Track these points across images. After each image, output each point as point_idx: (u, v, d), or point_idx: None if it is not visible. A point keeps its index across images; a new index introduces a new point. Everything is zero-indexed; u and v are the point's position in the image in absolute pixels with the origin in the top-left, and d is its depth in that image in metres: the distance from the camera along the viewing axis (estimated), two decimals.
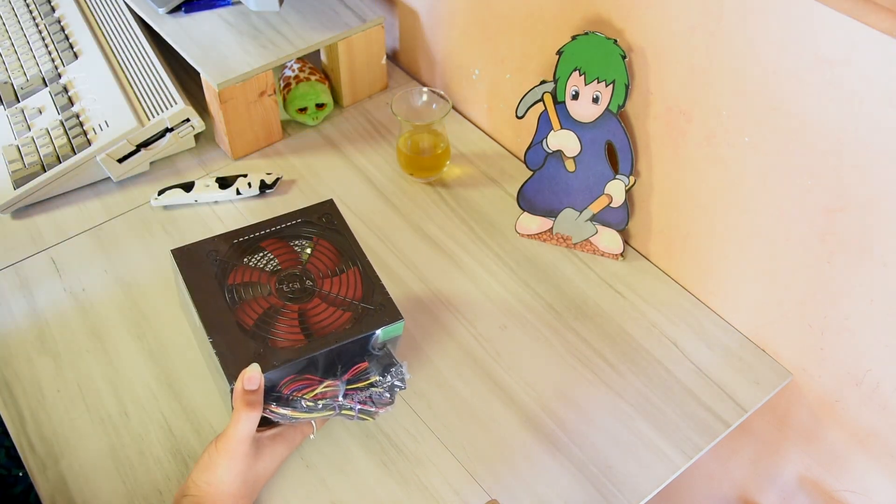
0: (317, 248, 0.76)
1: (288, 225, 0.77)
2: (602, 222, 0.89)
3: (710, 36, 0.70)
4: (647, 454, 0.74)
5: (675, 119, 0.78)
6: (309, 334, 0.70)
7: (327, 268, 0.75)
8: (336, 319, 0.71)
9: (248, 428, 0.65)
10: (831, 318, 0.73)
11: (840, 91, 0.62)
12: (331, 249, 0.76)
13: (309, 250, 0.76)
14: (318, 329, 0.70)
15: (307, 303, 0.72)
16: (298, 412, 0.67)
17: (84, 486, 0.72)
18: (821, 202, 0.68)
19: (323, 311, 0.71)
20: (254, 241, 0.76)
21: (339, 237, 0.77)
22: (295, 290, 0.72)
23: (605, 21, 0.79)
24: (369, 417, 0.71)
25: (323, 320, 0.71)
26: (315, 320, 0.71)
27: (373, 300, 0.73)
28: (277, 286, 0.73)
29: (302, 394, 0.68)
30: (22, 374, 0.80)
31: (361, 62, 1.09)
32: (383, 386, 0.70)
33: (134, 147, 0.97)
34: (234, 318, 0.70)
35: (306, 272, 0.74)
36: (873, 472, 0.77)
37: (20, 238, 0.94)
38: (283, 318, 0.70)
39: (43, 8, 1.17)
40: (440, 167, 1.00)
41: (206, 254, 0.74)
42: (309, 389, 0.68)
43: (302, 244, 0.76)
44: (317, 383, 0.69)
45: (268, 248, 0.75)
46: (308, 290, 0.73)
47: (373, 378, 0.71)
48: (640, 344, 0.83)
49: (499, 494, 0.72)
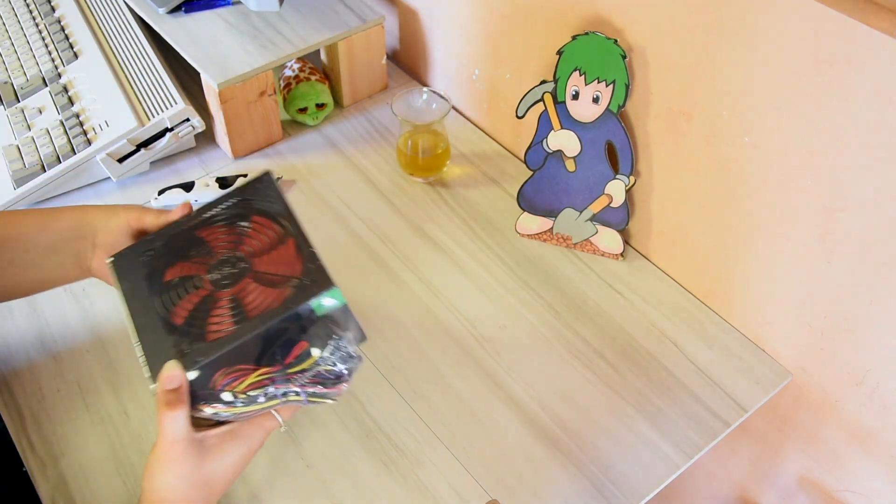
0: (252, 227, 0.69)
1: (224, 207, 0.71)
2: (602, 222, 0.89)
3: (710, 36, 0.70)
4: (647, 454, 0.74)
5: (675, 119, 0.78)
6: (241, 321, 0.63)
7: (262, 246, 0.68)
8: (272, 301, 0.63)
9: (174, 429, 0.60)
10: (831, 318, 0.73)
11: (840, 91, 0.62)
12: (267, 226, 0.69)
13: (242, 230, 0.69)
14: (250, 313, 0.63)
15: (238, 287, 0.65)
16: (235, 407, 0.62)
17: (84, 486, 0.72)
18: (821, 202, 0.68)
19: (257, 293, 0.64)
20: (189, 231, 0.70)
21: (276, 211, 0.69)
22: (228, 276, 0.66)
23: (605, 21, 0.79)
24: (324, 400, 0.64)
25: (257, 303, 0.64)
26: (249, 305, 0.64)
27: (305, 273, 0.65)
28: (210, 274, 0.66)
29: (233, 386, 0.62)
30: (22, 374, 0.80)
31: (361, 62, 1.09)
32: (328, 364, 0.63)
33: (134, 147, 0.97)
34: (168, 317, 0.65)
35: (238, 255, 0.67)
36: (873, 472, 0.77)
37: None
38: (215, 307, 0.64)
39: (43, 8, 1.17)
40: (440, 167, 1.00)
41: (142, 255, 0.69)
42: (240, 381, 0.62)
43: (240, 226, 0.69)
44: (250, 372, 0.63)
45: (204, 237, 0.69)
46: (241, 272, 0.66)
47: (315, 356, 0.63)
48: (640, 344, 0.83)
49: (499, 494, 0.72)
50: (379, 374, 0.80)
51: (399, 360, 0.81)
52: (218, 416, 0.63)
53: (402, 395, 0.78)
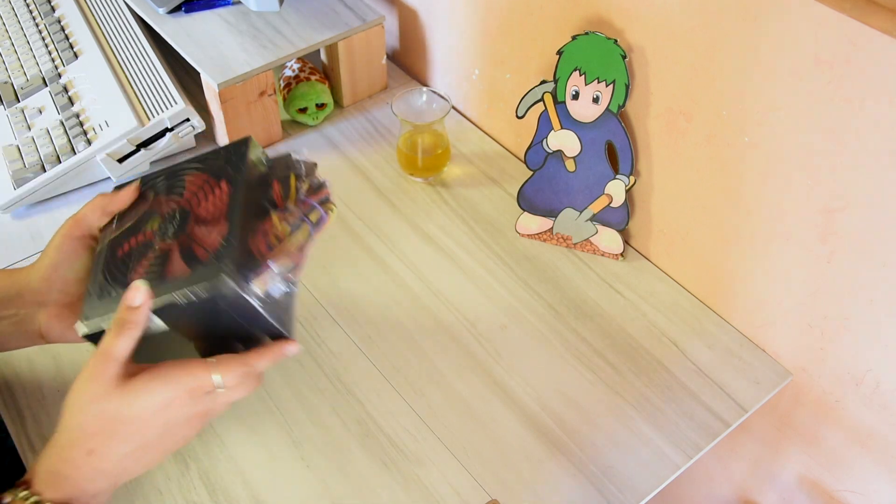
0: (196, 186, 0.66)
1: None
2: (602, 222, 0.89)
3: (710, 36, 0.70)
4: (647, 454, 0.74)
5: (675, 119, 0.78)
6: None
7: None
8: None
9: (116, 347, 0.56)
10: (831, 318, 0.73)
11: (840, 91, 0.62)
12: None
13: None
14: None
15: (172, 243, 0.62)
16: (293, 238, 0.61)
17: None
18: (821, 202, 0.68)
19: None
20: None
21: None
22: (170, 230, 0.63)
23: (605, 21, 0.79)
24: (331, 207, 0.64)
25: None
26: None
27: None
28: (161, 224, 0.64)
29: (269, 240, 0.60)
30: (22, 374, 0.80)
31: (361, 62, 1.09)
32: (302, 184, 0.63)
33: (134, 147, 0.97)
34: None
35: (184, 211, 0.64)
36: (873, 472, 0.77)
37: (20, 238, 0.94)
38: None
39: (43, 8, 1.17)
40: (440, 167, 1.00)
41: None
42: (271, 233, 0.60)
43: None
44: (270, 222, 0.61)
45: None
46: (179, 230, 0.63)
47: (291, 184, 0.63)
48: (640, 344, 0.83)
49: (499, 494, 0.72)
50: (379, 374, 0.80)
51: (399, 360, 0.81)
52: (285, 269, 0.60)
53: (402, 395, 0.78)
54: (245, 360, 0.59)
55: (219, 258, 0.59)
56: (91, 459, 0.56)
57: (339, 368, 0.80)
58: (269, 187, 0.65)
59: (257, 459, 0.73)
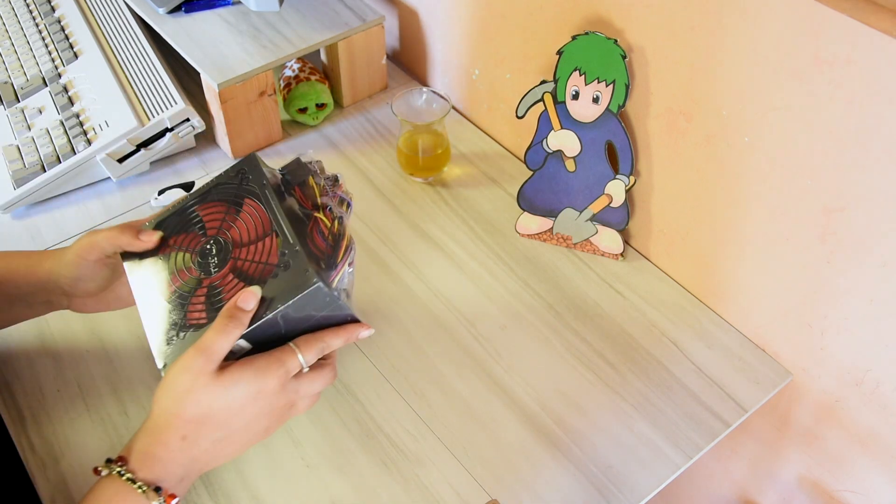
0: (244, 211, 0.68)
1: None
2: (602, 222, 0.89)
3: (710, 36, 0.70)
4: (647, 454, 0.74)
5: (675, 119, 0.78)
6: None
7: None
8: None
9: (217, 341, 0.59)
10: (831, 318, 0.73)
11: (840, 91, 0.62)
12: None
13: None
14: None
15: (219, 275, 0.65)
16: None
17: (84, 486, 0.72)
18: (821, 202, 0.68)
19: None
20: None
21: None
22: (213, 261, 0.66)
23: (605, 21, 0.79)
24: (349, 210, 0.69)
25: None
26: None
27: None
28: (198, 257, 0.67)
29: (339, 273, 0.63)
30: (22, 374, 0.80)
31: (361, 62, 1.09)
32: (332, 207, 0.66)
33: (134, 147, 0.97)
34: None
35: (222, 240, 0.67)
36: (873, 472, 0.77)
37: (20, 238, 0.94)
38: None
39: (43, 8, 1.17)
40: (440, 167, 1.00)
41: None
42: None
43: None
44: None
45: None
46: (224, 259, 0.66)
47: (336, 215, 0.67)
48: (640, 344, 0.83)
49: (499, 494, 0.72)
50: (379, 374, 0.80)
51: (399, 360, 0.81)
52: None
53: (402, 395, 0.78)
54: (321, 336, 0.65)
55: (297, 266, 0.62)
56: (184, 445, 0.60)
57: (340, 368, 0.80)
58: (293, 192, 0.69)
59: (257, 459, 0.73)
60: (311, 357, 0.64)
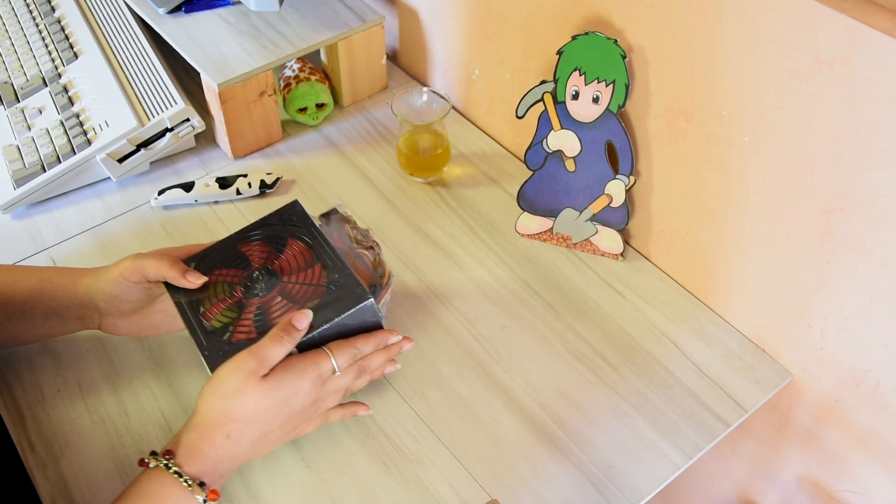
0: (287, 248, 0.75)
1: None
2: (602, 222, 0.89)
3: (710, 36, 0.70)
4: (647, 454, 0.74)
5: (675, 119, 0.78)
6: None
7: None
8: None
9: (271, 350, 0.64)
10: (831, 318, 0.73)
11: (840, 91, 0.62)
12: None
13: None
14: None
15: (267, 297, 0.71)
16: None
17: (84, 486, 0.72)
18: (821, 202, 0.68)
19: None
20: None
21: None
22: (259, 286, 0.72)
23: (605, 21, 0.79)
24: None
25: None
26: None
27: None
28: (243, 284, 0.72)
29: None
30: (22, 374, 0.80)
31: (361, 62, 1.09)
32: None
33: (134, 147, 0.98)
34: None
35: (270, 269, 0.73)
36: (873, 472, 0.77)
37: (20, 238, 0.94)
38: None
39: (43, 8, 1.17)
40: (440, 167, 1.00)
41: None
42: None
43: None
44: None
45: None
46: (271, 285, 0.72)
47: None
48: (640, 344, 0.83)
49: (499, 494, 0.72)
50: None
51: (399, 359, 0.81)
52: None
53: (402, 395, 0.78)
54: (352, 342, 0.69)
55: (348, 285, 0.70)
56: (228, 443, 0.63)
57: None
58: (332, 234, 0.77)
59: (258, 459, 0.73)
60: (342, 361, 0.68)
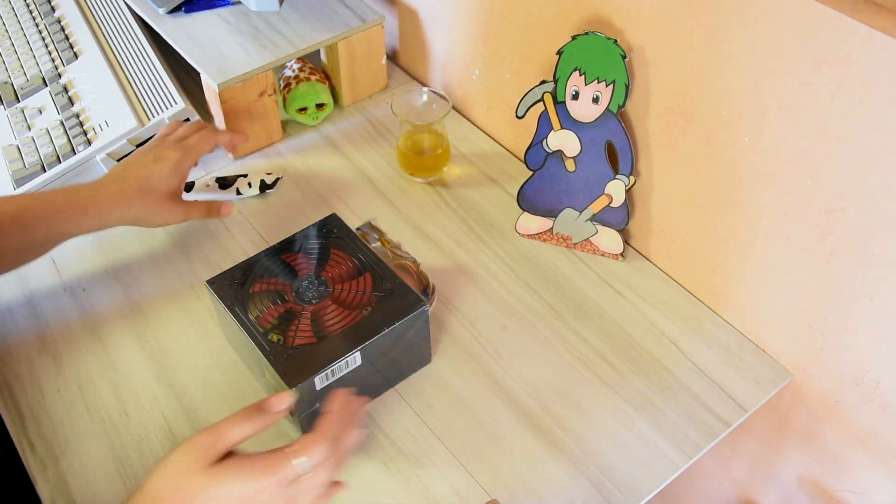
0: (332, 258, 0.78)
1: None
2: (602, 222, 0.89)
3: (710, 36, 0.70)
4: (647, 454, 0.74)
5: (675, 119, 0.78)
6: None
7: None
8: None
9: (230, 432, 0.57)
10: (831, 318, 0.73)
11: (840, 91, 0.62)
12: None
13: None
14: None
15: (320, 305, 0.74)
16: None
17: (84, 486, 0.72)
18: (821, 202, 0.68)
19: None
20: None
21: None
22: (311, 294, 0.76)
23: (605, 21, 0.79)
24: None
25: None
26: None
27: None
28: (294, 291, 0.76)
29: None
30: (22, 374, 0.80)
31: (361, 62, 1.09)
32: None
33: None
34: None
35: (320, 278, 0.76)
36: (873, 472, 0.77)
37: None
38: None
39: (43, 8, 1.17)
40: (440, 167, 1.00)
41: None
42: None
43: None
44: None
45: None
46: (323, 293, 0.75)
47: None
48: (640, 344, 0.83)
49: (499, 494, 0.72)
50: None
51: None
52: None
53: (402, 395, 0.78)
54: (324, 433, 0.59)
55: (402, 293, 0.74)
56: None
57: None
58: (369, 244, 0.80)
59: None
60: (315, 457, 0.58)
